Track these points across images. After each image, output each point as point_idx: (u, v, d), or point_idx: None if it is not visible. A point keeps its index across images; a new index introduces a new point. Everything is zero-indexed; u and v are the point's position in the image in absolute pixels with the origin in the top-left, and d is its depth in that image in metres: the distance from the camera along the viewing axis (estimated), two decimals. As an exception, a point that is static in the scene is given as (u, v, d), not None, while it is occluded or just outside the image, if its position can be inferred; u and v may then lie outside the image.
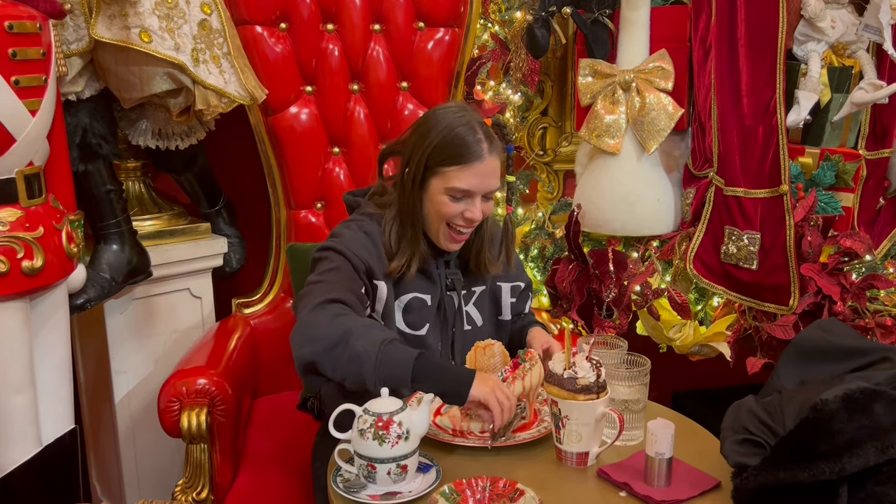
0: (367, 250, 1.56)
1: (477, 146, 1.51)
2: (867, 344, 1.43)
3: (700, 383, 2.61)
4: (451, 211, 1.55)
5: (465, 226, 1.57)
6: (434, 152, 1.53)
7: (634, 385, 1.46)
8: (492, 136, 1.55)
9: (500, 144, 1.57)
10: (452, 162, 1.52)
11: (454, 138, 1.52)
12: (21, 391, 1.61)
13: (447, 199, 1.54)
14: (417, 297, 1.63)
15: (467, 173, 1.52)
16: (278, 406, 2.15)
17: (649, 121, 2.09)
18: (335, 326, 1.37)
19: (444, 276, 1.67)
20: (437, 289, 1.66)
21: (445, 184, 1.53)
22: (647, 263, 2.17)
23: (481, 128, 1.54)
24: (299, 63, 2.24)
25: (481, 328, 1.72)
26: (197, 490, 1.74)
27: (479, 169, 1.52)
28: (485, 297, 1.73)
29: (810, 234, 1.92)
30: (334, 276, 1.49)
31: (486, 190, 1.55)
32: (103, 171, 1.96)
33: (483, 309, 1.73)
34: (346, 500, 1.28)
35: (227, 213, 2.44)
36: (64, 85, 1.79)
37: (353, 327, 1.37)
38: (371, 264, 1.55)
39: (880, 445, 1.12)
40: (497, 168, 1.55)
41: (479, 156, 1.51)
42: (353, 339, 1.35)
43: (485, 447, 1.42)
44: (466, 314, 1.70)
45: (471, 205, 1.54)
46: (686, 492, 1.28)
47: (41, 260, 1.59)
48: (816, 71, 1.96)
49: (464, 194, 1.53)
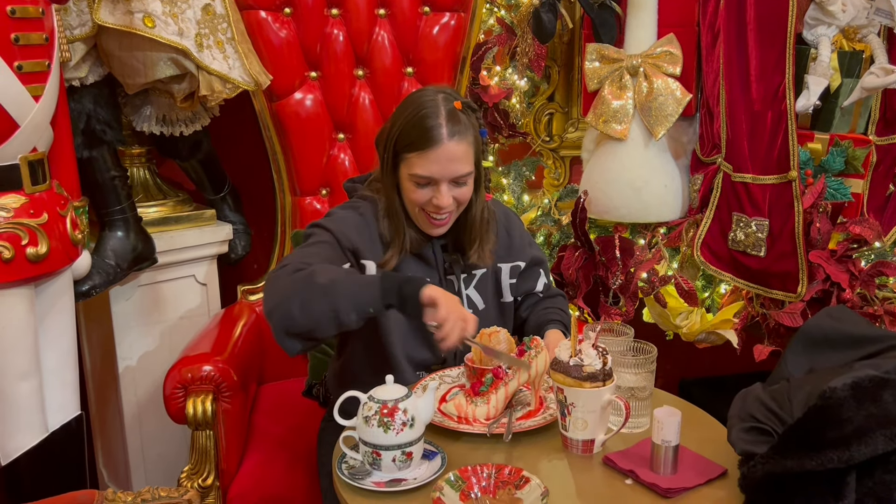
0: (356, 229, 1.56)
1: (436, 131, 1.48)
2: (876, 332, 1.42)
3: (707, 371, 2.60)
4: (420, 198, 1.53)
5: (436, 212, 1.54)
6: (399, 138, 1.52)
7: (641, 372, 1.45)
8: (458, 120, 1.50)
9: (469, 127, 1.52)
10: (412, 148, 1.50)
11: (416, 123, 1.50)
12: (27, 378, 1.61)
13: (414, 186, 1.52)
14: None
15: (426, 159, 1.49)
16: (284, 393, 2.15)
17: (657, 106, 2.07)
18: (298, 276, 1.40)
19: (443, 260, 1.66)
20: (435, 272, 1.64)
21: (409, 170, 1.52)
22: (653, 250, 2.15)
23: (447, 112, 1.50)
24: (304, 48, 2.22)
25: (483, 312, 1.70)
26: (203, 476, 1.75)
27: (437, 154, 1.48)
28: (487, 280, 1.71)
29: (819, 221, 1.90)
30: (314, 248, 1.51)
31: (451, 176, 1.50)
32: (108, 158, 1.96)
33: (485, 292, 1.71)
34: (352, 487, 1.28)
35: (232, 199, 2.44)
36: (67, 70, 1.78)
37: (316, 269, 1.40)
38: (358, 245, 1.54)
39: (889, 434, 1.11)
40: (461, 153, 1.50)
41: (438, 141, 1.48)
42: (317, 278, 1.38)
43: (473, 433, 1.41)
44: (467, 297, 1.68)
45: (437, 191, 1.51)
46: (692, 479, 1.27)
47: (46, 246, 1.58)
48: (827, 55, 1.94)
49: (426, 181, 1.51)
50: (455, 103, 1.52)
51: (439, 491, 1.20)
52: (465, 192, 1.56)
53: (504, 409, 1.46)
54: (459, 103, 1.53)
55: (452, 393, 1.53)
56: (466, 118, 1.53)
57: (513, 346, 1.54)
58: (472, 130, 1.53)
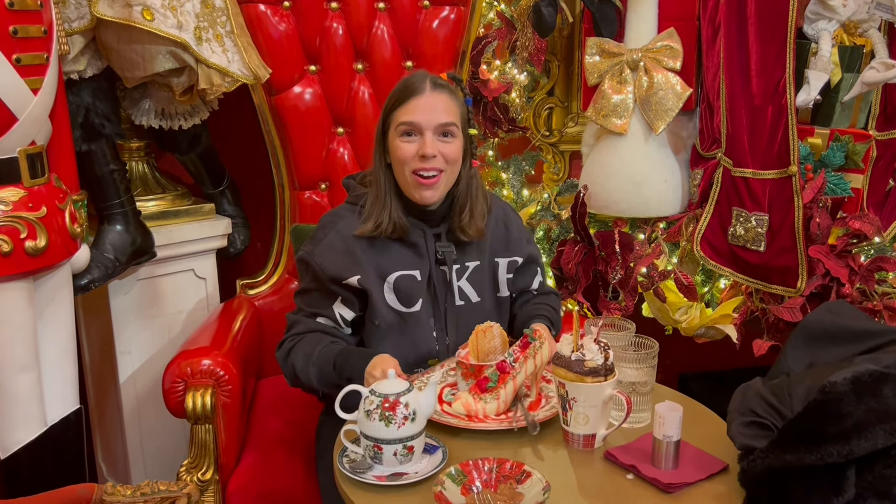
0: (333, 252, 1.62)
1: (419, 84, 1.58)
2: (876, 326, 1.42)
3: (706, 366, 2.60)
4: (407, 152, 1.58)
5: (425, 167, 1.57)
6: (387, 105, 1.62)
7: (642, 367, 1.45)
8: (439, 82, 1.60)
9: (453, 90, 1.62)
10: (398, 103, 1.59)
11: (400, 86, 1.61)
12: (25, 371, 1.61)
13: (400, 143, 1.58)
14: (404, 274, 1.63)
15: (409, 108, 1.57)
16: (283, 387, 2.14)
17: (657, 101, 2.07)
18: (288, 364, 1.63)
19: (435, 251, 1.66)
20: (426, 263, 1.65)
21: (395, 125, 1.59)
22: (653, 245, 2.15)
23: (430, 77, 1.60)
24: (303, 42, 2.21)
25: (479, 304, 1.71)
26: (202, 470, 1.75)
27: (420, 102, 1.56)
28: (481, 273, 1.72)
29: (819, 216, 1.90)
30: (304, 300, 1.67)
31: (434, 123, 1.56)
32: (106, 151, 1.95)
33: (480, 285, 1.72)
34: (353, 481, 1.28)
35: (231, 193, 2.43)
36: (66, 64, 1.78)
37: (296, 363, 1.60)
38: (337, 272, 1.61)
39: (889, 428, 1.11)
40: (443, 104, 1.58)
41: (420, 91, 1.57)
42: (299, 374, 1.60)
43: (490, 429, 1.41)
44: (459, 289, 1.69)
45: (422, 142, 1.56)
46: (693, 474, 1.27)
47: (44, 240, 1.58)
48: (827, 50, 1.93)
49: (410, 128, 1.57)
50: (442, 75, 1.64)
51: (440, 485, 1.20)
52: (452, 150, 1.60)
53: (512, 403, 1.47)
54: (444, 75, 1.64)
55: (447, 393, 1.52)
56: (449, 84, 1.63)
57: (506, 339, 1.55)
58: (456, 95, 1.63)
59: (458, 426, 1.42)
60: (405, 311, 1.63)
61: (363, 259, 1.61)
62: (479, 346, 1.52)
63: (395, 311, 1.63)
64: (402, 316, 1.63)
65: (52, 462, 1.68)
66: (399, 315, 1.63)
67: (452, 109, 1.59)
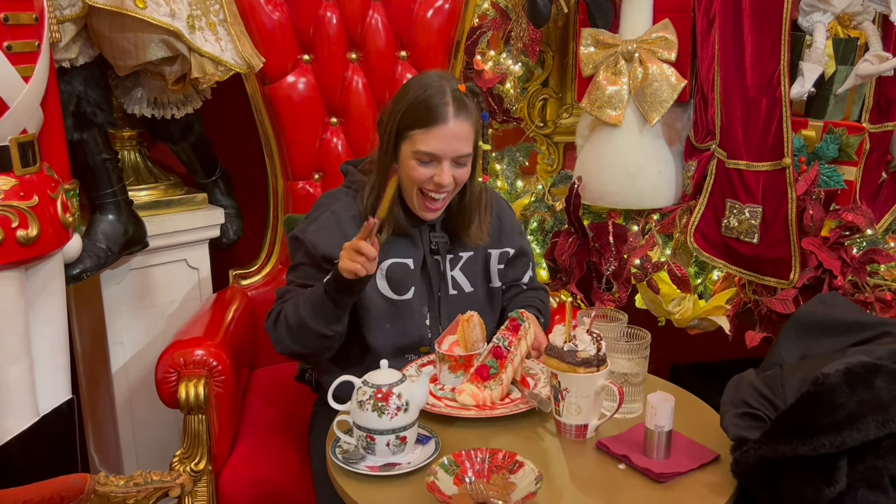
0: (328, 233, 1.61)
1: (442, 109, 1.52)
2: (868, 318, 1.43)
3: (699, 357, 2.61)
4: (421, 176, 1.55)
5: (436, 191, 1.57)
6: (403, 117, 1.55)
7: (634, 358, 1.46)
8: (463, 102, 1.54)
9: (473, 111, 1.57)
10: (418, 125, 1.53)
11: (422, 102, 1.53)
12: (17, 361, 1.60)
13: (415, 164, 1.55)
14: (398, 261, 1.63)
15: (432, 136, 1.52)
16: (276, 377, 2.15)
17: (651, 92, 2.06)
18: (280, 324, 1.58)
19: (429, 240, 1.66)
20: (420, 252, 1.66)
21: (412, 147, 1.54)
22: (647, 237, 2.15)
23: (452, 93, 1.54)
24: (296, 31, 2.20)
25: (471, 294, 1.71)
26: (195, 461, 1.75)
27: (443, 132, 1.52)
28: (475, 264, 1.72)
29: (812, 208, 1.91)
30: (295, 275, 1.65)
31: (453, 154, 1.54)
32: (98, 140, 1.94)
33: (473, 275, 1.72)
34: (345, 472, 1.28)
35: (223, 183, 2.42)
36: (57, 51, 1.76)
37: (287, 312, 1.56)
38: (330, 251, 1.59)
39: (881, 419, 1.12)
40: (465, 133, 1.54)
41: (444, 119, 1.51)
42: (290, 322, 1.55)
43: (482, 418, 1.42)
44: (452, 279, 1.69)
45: (439, 169, 1.54)
46: (685, 464, 1.28)
47: (36, 229, 1.57)
48: (822, 42, 1.93)
49: (430, 158, 1.54)
50: (459, 86, 1.56)
51: (433, 475, 1.20)
52: (464, 174, 1.59)
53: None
54: (463, 86, 1.57)
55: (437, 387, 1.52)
56: (469, 101, 1.57)
57: (483, 328, 1.56)
58: (475, 113, 1.58)
59: (475, 417, 1.43)
60: (396, 299, 1.63)
61: None
62: (465, 336, 1.54)
63: (385, 298, 1.63)
64: (394, 303, 1.63)
65: (45, 452, 1.67)
66: (390, 302, 1.63)
67: (471, 137, 1.56)
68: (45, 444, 1.67)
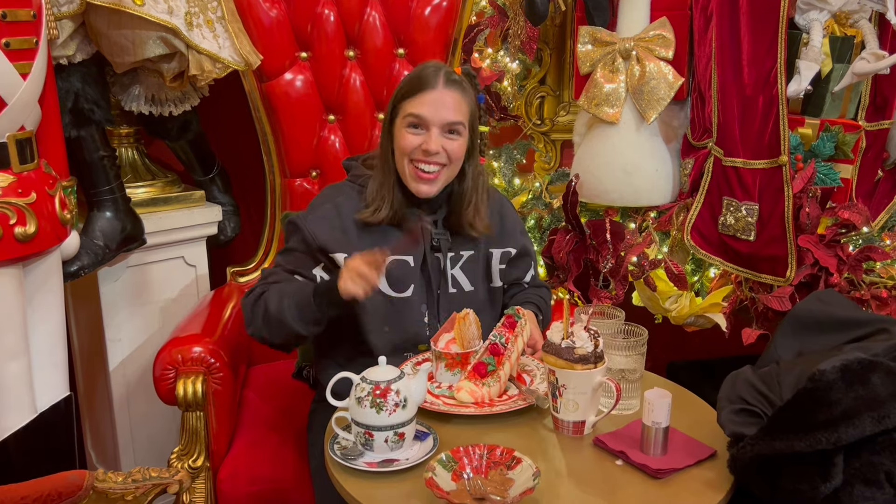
0: (328, 225, 1.62)
1: (433, 78, 1.57)
2: (865, 315, 1.43)
3: (695, 354, 2.61)
4: (410, 143, 1.58)
5: (425, 161, 1.58)
6: (398, 93, 1.61)
7: (631, 355, 1.46)
8: (455, 78, 1.60)
9: (466, 87, 1.61)
10: (408, 94, 1.59)
11: (414, 76, 1.61)
12: (15, 358, 1.60)
13: (405, 133, 1.58)
14: (397, 259, 1.63)
15: (420, 100, 1.57)
16: (273, 375, 2.15)
17: (649, 90, 2.07)
18: (259, 306, 1.57)
19: (430, 237, 1.66)
20: (421, 249, 1.65)
21: (403, 114, 1.59)
22: (644, 234, 2.16)
23: (445, 71, 1.60)
24: (294, 28, 2.20)
25: (471, 293, 1.71)
26: (193, 457, 1.75)
27: (431, 97, 1.56)
28: (476, 263, 1.72)
29: (808, 206, 1.91)
30: (284, 258, 1.65)
31: (442, 120, 1.56)
32: (96, 137, 1.94)
33: (474, 274, 1.72)
34: (344, 468, 1.28)
35: (221, 180, 2.42)
36: (55, 48, 1.76)
37: (269, 298, 1.55)
38: (327, 242, 1.60)
39: (877, 416, 1.12)
40: (454, 102, 1.58)
41: (433, 85, 1.57)
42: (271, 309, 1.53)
43: (481, 415, 1.42)
44: (452, 277, 1.69)
45: (427, 136, 1.56)
46: (682, 460, 1.28)
47: (34, 226, 1.57)
48: (818, 40, 1.93)
49: (417, 121, 1.57)
50: (455, 69, 1.61)
51: (431, 471, 1.20)
52: (456, 147, 1.60)
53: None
54: (459, 69, 1.64)
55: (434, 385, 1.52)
56: (462, 79, 1.62)
57: (479, 325, 1.56)
58: (469, 92, 1.62)
59: (473, 414, 1.43)
60: (395, 296, 1.63)
61: (356, 242, 1.60)
62: (462, 333, 1.54)
63: (384, 294, 1.62)
64: (392, 300, 1.63)
65: (43, 449, 1.67)
66: (388, 299, 1.63)
67: (462, 108, 1.59)
68: (43, 440, 1.67)
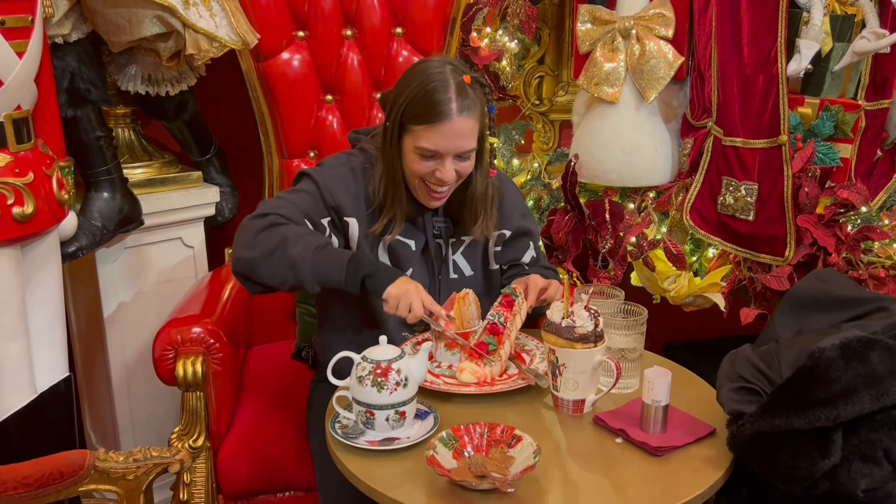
0: (343, 185, 1.57)
1: (446, 105, 1.46)
2: (864, 294, 1.44)
3: (693, 334, 2.62)
4: (422, 169, 1.52)
5: (438, 185, 1.54)
6: (407, 109, 1.50)
7: (631, 334, 1.46)
8: (467, 95, 1.49)
9: (477, 103, 1.51)
10: (421, 121, 1.48)
11: (425, 96, 1.48)
12: (14, 339, 1.60)
13: (418, 158, 1.51)
14: (400, 240, 1.62)
15: (434, 133, 1.48)
16: (273, 355, 2.15)
17: (649, 69, 2.06)
18: (271, 234, 1.45)
19: (432, 224, 1.66)
20: (422, 235, 1.65)
21: (415, 142, 1.50)
22: (643, 214, 2.16)
23: (456, 86, 1.48)
24: (291, 7, 2.18)
25: (472, 278, 1.71)
26: (193, 437, 1.75)
27: (446, 129, 1.47)
28: (475, 247, 1.72)
29: (808, 186, 1.91)
30: (295, 196, 1.55)
31: (456, 151, 1.50)
32: (92, 117, 1.93)
33: (474, 259, 1.72)
34: (345, 446, 1.29)
35: (218, 161, 2.41)
36: (50, 27, 1.74)
37: (289, 234, 1.45)
38: (342, 202, 1.55)
39: (875, 393, 1.13)
40: (469, 129, 1.50)
41: (447, 116, 1.46)
42: (289, 246, 1.43)
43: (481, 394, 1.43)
44: (453, 262, 1.69)
45: (441, 165, 1.51)
46: (681, 438, 1.29)
47: (32, 206, 1.56)
48: (819, 19, 1.92)
49: (432, 154, 1.50)
50: (464, 77, 1.51)
51: (433, 449, 1.21)
52: (467, 167, 1.56)
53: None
54: (468, 77, 1.51)
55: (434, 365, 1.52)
56: (474, 93, 1.51)
57: (479, 305, 1.56)
58: (480, 106, 1.53)
59: (474, 393, 1.43)
60: None
61: (365, 213, 1.59)
62: (462, 313, 1.54)
63: None
64: None
65: (43, 430, 1.68)
66: None
67: (475, 132, 1.52)
68: (43, 421, 1.67)
